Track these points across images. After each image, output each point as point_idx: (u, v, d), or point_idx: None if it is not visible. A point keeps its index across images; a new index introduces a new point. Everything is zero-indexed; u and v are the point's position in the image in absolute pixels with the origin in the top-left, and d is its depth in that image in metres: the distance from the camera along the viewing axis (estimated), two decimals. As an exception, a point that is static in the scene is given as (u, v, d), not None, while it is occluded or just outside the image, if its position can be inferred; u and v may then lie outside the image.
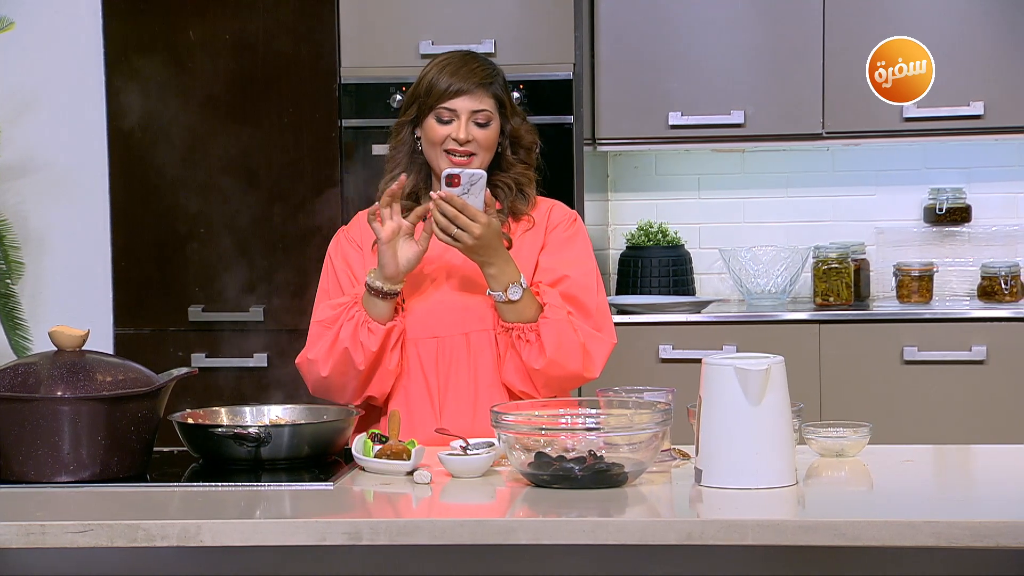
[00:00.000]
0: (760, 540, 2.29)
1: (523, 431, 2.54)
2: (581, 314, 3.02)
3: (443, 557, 2.49)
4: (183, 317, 4.76)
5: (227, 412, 2.93)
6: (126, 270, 4.79)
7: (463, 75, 3.04)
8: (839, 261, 4.81)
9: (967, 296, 4.96)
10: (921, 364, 4.59)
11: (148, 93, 4.76)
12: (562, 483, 2.51)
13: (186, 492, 2.60)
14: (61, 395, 2.63)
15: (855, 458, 2.78)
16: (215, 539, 2.34)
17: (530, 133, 3.13)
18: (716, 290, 5.17)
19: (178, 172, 4.76)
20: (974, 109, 4.73)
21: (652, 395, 2.79)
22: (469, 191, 2.91)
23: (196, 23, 4.73)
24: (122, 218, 4.80)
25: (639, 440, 2.53)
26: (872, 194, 5.10)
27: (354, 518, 2.39)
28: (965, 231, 5.00)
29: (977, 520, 2.27)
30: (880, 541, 2.27)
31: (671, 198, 5.19)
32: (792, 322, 4.68)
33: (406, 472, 2.66)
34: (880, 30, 4.74)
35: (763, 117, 4.82)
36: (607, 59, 4.85)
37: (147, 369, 2.76)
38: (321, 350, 3.01)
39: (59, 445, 2.63)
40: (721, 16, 4.82)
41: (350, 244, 3.14)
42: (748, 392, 2.48)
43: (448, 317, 3.04)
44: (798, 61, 4.79)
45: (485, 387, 3.02)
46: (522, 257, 3.06)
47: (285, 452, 2.73)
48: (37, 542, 2.35)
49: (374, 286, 2.97)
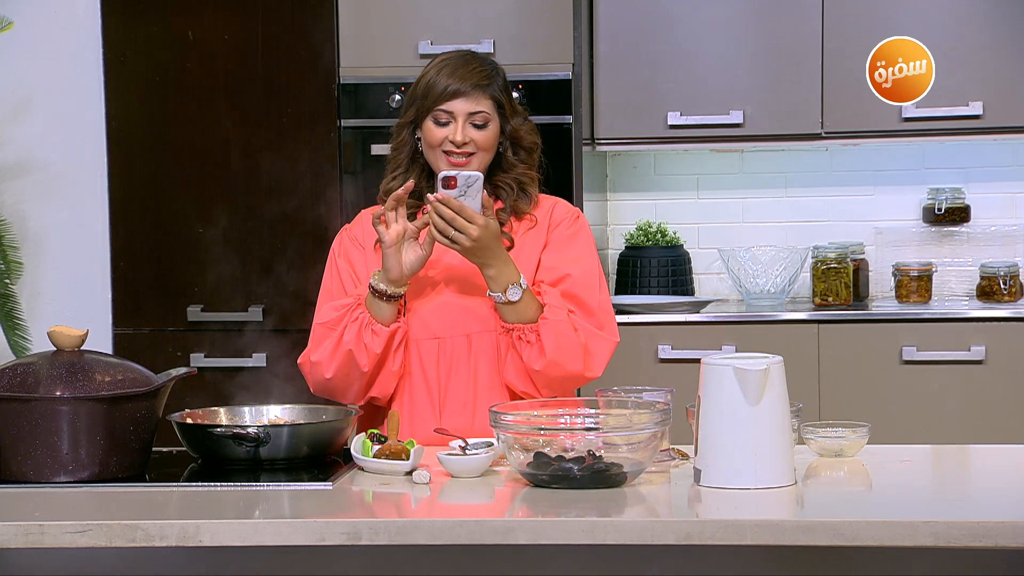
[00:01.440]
0: (759, 540, 2.29)
1: (522, 431, 2.54)
2: (583, 312, 3.01)
3: (442, 557, 2.48)
4: (182, 317, 4.76)
5: (226, 412, 2.93)
6: (125, 270, 4.79)
7: (460, 76, 3.03)
8: (838, 261, 4.81)
9: (966, 296, 4.96)
10: (920, 364, 4.59)
11: (147, 93, 4.76)
12: (561, 483, 2.51)
13: (185, 492, 2.60)
14: (60, 395, 2.63)
15: (854, 458, 2.78)
16: (214, 539, 2.34)
17: (531, 133, 3.11)
18: (715, 290, 5.16)
19: (176, 172, 4.75)
20: (973, 109, 4.72)
21: (651, 395, 2.79)
22: (466, 193, 2.90)
23: (195, 23, 4.72)
24: (121, 218, 4.79)
25: (638, 440, 2.53)
26: (871, 194, 5.10)
27: (353, 518, 2.39)
28: (964, 231, 5.00)
29: (976, 520, 2.27)
30: (879, 541, 2.27)
31: (670, 198, 5.19)
32: (791, 322, 4.68)
33: (405, 472, 2.66)
34: (880, 30, 4.74)
35: (762, 117, 4.82)
36: (606, 59, 4.85)
37: (146, 369, 2.76)
38: (325, 352, 3.00)
39: (58, 445, 2.63)
40: (720, 16, 4.81)
41: (353, 243, 3.13)
42: (747, 392, 2.48)
43: (449, 318, 3.04)
44: (797, 61, 4.79)
45: (485, 388, 3.01)
46: (525, 256, 3.05)
47: (284, 452, 2.73)
48: (36, 542, 2.35)
49: (378, 288, 2.97)
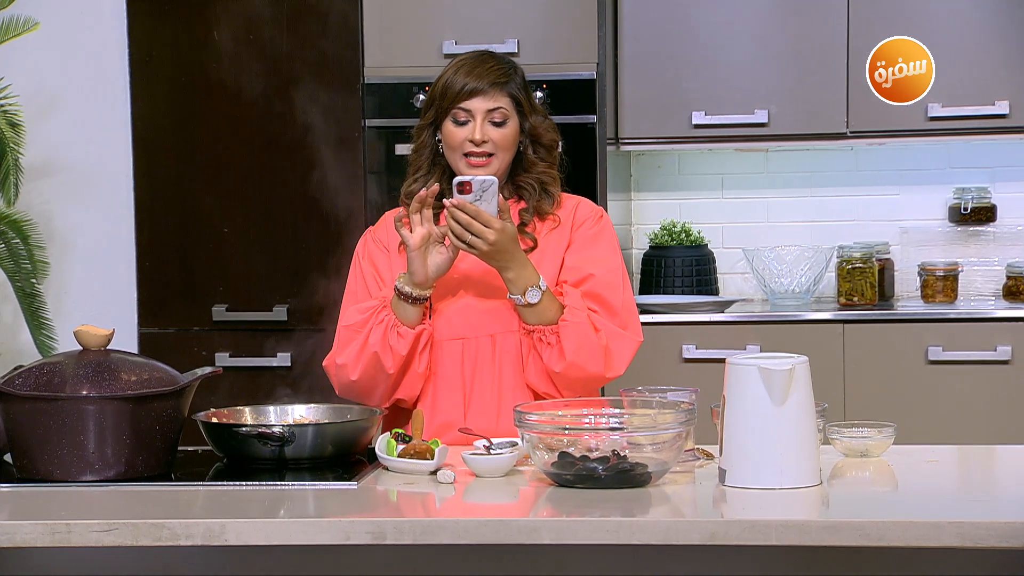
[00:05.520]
0: (784, 540, 2.29)
1: (546, 431, 2.54)
2: (606, 312, 3.01)
3: (466, 557, 2.49)
4: (207, 316, 4.77)
5: (251, 411, 2.94)
6: (150, 270, 4.81)
7: (477, 75, 3.04)
8: (863, 261, 4.80)
9: (992, 296, 4.94)
10: (946, 364, 4.58)
11: (172, 93, 4.78)
12: (585, 483, 2.51)
13: (210, 491, 2.61)
14: (86, 394, 2.64)
15: (879, 458, 2.77)
16: (239, 538, 2.35)
17: (550, 131, 3.11)
18: (739, 290, 5.16)
19: (202, 172, 4.77)
20: (999, 108, 4.71)
21: (675, 395, 2.78)
22: (481, 197, 2.90)
23: (219, 23, 4.74)
24: (146, 218, 4.81)
25: (662, 440, 2.53)
26: (896, 193, 5.08)
27: (378, 517, 2.40)
28: (990, 231, 4.98)
29: (1002, 521, 2.26)
30: (904, 542, 2.27)
31: (694, 198, 5.18)
32: (816, 322, 4.67)
33: (430, 472, 2.66)
34: (895, 27, 4.72)
35: (787, 116, 4.81)
36: (630, 59, 4.85)
37: (171, 368, 2.77)
38: (350, 354, 3.00)
39: (84, 444, 2.64)
40: (744, 15, 4.81)
41: (376, 245, 3.13)
42: (772, 392, 2.48)
43: (474, 319, 3.04)
44: (822, 60, 4.78)
45: (509, 388, 3.01)
46: (548, 256, 3.05)
47: (309, 451, 2.73)
48: (62, 541, 2.36)
49: (403, 291, 2.97)
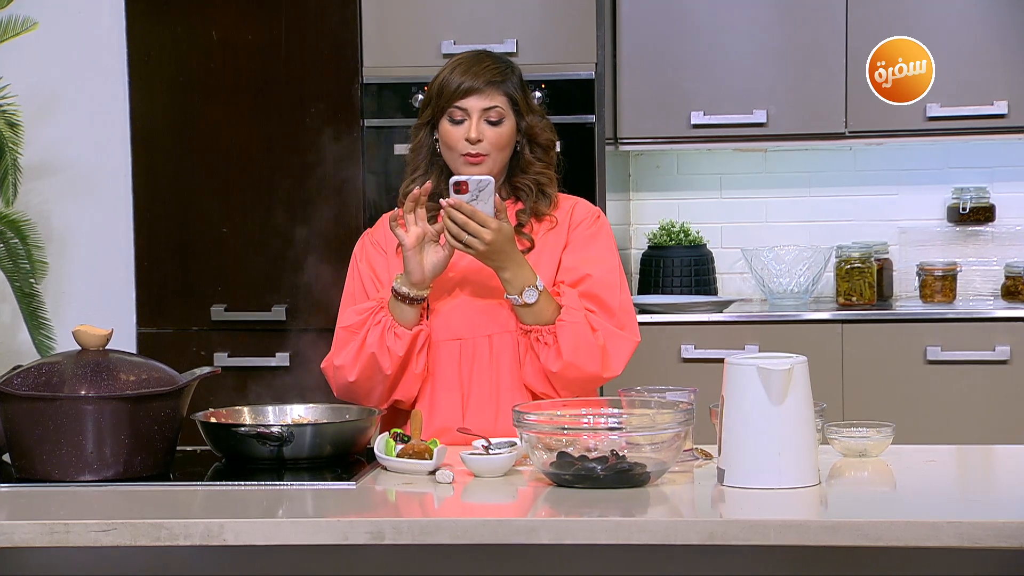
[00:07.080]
0: (782, 540, 2.29)
1: (545, 431, 2.54)
2: (604, 313, 3.01)
3: (465, 556, 2.49)
4: (206, 316, 4.77)
5: (250, 411, 2.94)
6: (149, 270, 4.81)
7: (473, 74, 3.04)
8: (862, 261, 4.80)
9: (990, 296, 4.94)
10: (944, 364, 4.58)
11: (171, 93, 4.78)
12: (584, 483, 2.51)
13: (209, 491, 2.61)
14: (85, 394, 2.64)
15: (878, 458, 2.77)
16: (238, 538, 2.35)
17: (547, 131, 3.11)
18: (738, 290, 5.16)
19: (200, 172, 4.77)
20: (998, 108, 4.71)
21: (674, 395, 2.78)
22: (478, 197, 2.90)
23: (218, 23, 4.74)
24: (145, 218, 4.81)
25: (661, 440, 2.53)
26: (895, 193, 5.09)
27: (376, 517, 2.40)
28: (988, 231, 4.98)
29: (1001, 521, 2.26)
30: (903, 542, 2.27)
31: (693, 198, 5.18)
32: (814, 322, 4.67)
33: (428, 471, 2.66)
34: (894, 27, 4.73)
35: (785, 116, 4.81)
36: (629, 58, 4.85)
37: (170, 368, 2.77)
38: (348, 355, 3.00)
39: (83, 444, 2.64)
40: (743, 15, 4.81)
41: (374, 248, 3.13)
42: (771, 392, 2.48)
43: (471, 320, 3.03)
44: (821, 60, 4.78)
45: (507, 388, 3.01)
46: (545, 257, 3.05)
47: (307, 451, 2.73)
48: (61, 541, 2.36)
49: (400, 292, 2.97)
